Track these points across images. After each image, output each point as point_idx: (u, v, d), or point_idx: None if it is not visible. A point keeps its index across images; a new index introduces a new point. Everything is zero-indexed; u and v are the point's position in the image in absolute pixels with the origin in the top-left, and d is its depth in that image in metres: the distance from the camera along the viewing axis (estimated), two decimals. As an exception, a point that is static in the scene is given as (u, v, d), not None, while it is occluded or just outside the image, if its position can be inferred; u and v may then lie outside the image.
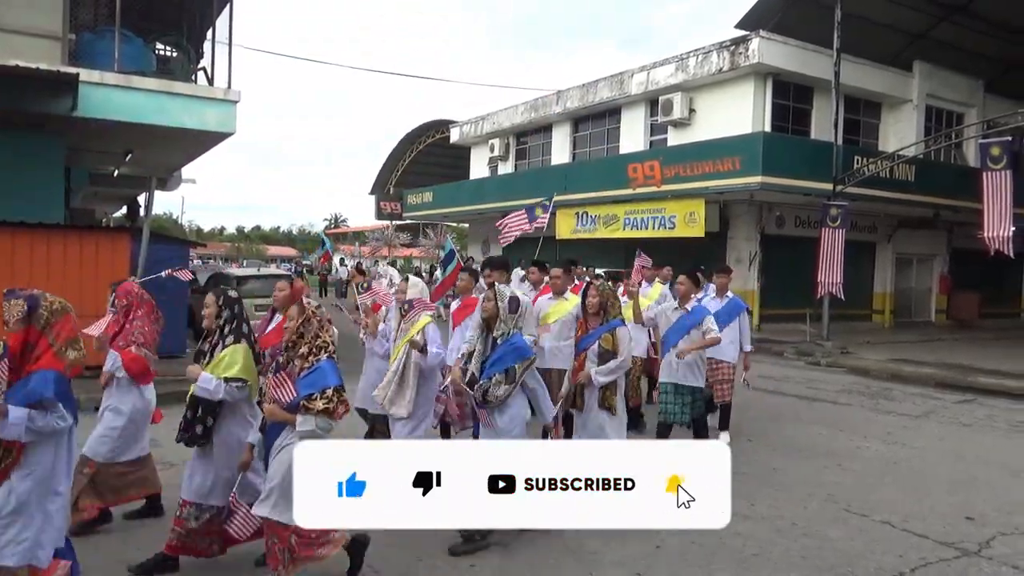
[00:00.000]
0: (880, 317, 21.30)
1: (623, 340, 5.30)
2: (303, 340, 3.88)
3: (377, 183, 37.16)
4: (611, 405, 5.30)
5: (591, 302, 5.45)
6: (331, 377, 3.80)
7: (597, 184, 20.04)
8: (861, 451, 7.44)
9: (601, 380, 5.24)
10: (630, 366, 5.61)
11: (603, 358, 5.28)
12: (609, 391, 5.32)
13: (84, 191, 18.23)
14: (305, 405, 3.71)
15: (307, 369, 3.80)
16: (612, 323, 5.34)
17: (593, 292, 5.48)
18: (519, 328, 4.75)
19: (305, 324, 3.91)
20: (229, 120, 11.25)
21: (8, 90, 9.58)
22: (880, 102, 21.02)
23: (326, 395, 3.73)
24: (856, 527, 5.24)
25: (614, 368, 5.25)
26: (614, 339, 5.28)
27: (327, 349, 3.90)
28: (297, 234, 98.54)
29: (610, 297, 5.47)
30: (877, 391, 11.15)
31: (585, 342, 5.45)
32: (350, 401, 4.17)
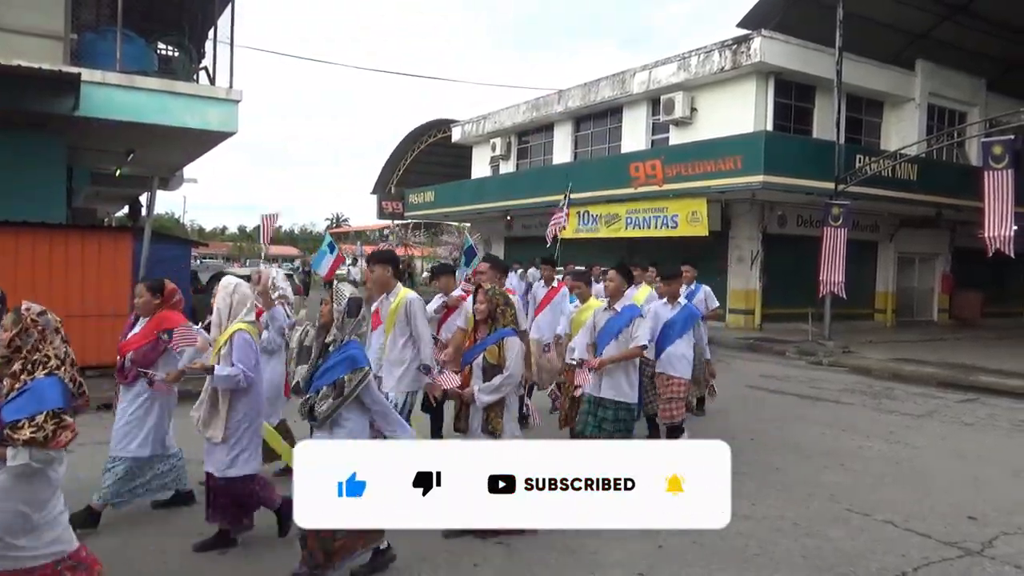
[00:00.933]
0: (882, 316, 21.28)
1: (512, 352, 4.66)
2: (19, 355, 3.20)
3: (379, 183, 37.17)
4: (495, 429, 4.62)
5: (478, 308, 4.82)
6: (47, 399, 3.09)
7: (599, 183, 20.04)
8: (863, 451, 7.43)
9: (484, 399, 4.60)
10: (520, 381, 4.87)
11: (487, 373, 4.65)
12: (494, 412, 4.65)
13: (86, 191, 18.25)
14: (10, 435, 3.02)
15: (17, 390, 3.14)
16: (500, 333, 4.71)
17: (481, 297, 4.85)
18: (359, 335, 4.14)
19: (22, 336, 3.22)
20: (231, 120, 11.26)
21: (10, 90, 9.60)
22: (882, 101, 21.01)
23: (35, 421, 3.03)
24: (858, 527, 5.24)
25: (499, 385, 4.61)
26: (501, 351, 4.65)
27: (47, 365, 3.21)
28: (299, 234, 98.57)
29: (500, 303, 4.83)
30: (879, 390, 11.14)
31: (469, 355, 4.83)
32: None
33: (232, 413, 4.44)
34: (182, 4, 12.71)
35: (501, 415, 4.66)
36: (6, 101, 9.74)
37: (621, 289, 5.86)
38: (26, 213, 10.03)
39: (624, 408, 5.66)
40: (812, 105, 19.62)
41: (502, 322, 4.77)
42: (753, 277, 18.71)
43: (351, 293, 4.08)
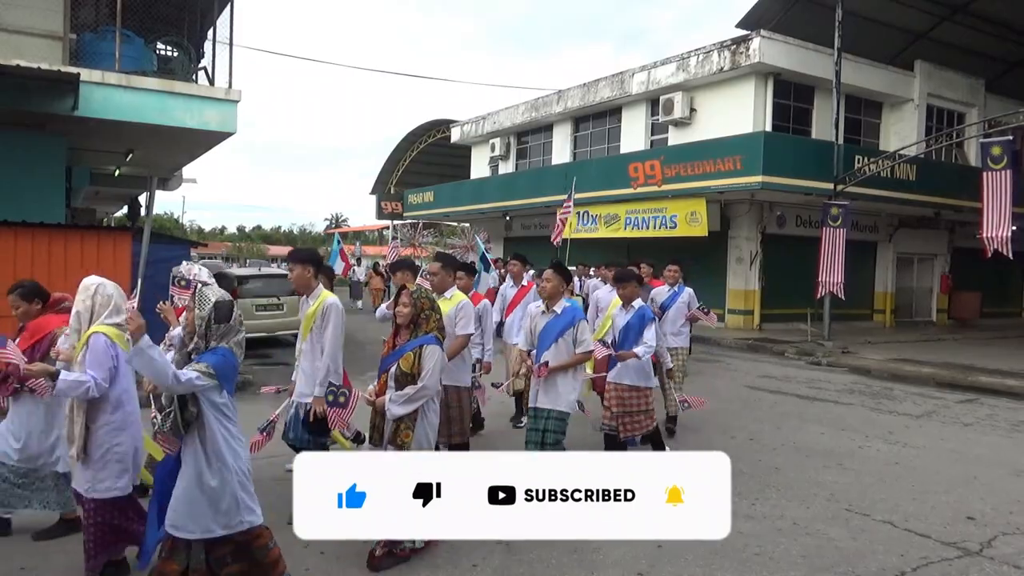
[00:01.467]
0: (881, 317, 21.30)
1: (430, 361, 4.27)
2: None
3: (378, 183, 37.15)
4: (403, 443, 4.24)
5: (400, 311, 4.39)
6: None
7: (598, 184, 20.03)
8: (862, 451, 7.44)
9: (395, 411, 4.23)
10: (436, 393, 4.47)
11: (399, 382, 4.29)
12: (404, 424, 4.27)
13: (85, 191, 18.25)
14: None
15: None
16: (420, 339, 4.33)
17: (405, 299, 4.40)
18: (234, 343, 3.59)
19: None
20: (230, 120, 11.26)
21: (9, 90, 9.60)
22: (881, 102, 21.02)
23: None
24: (857, 527, 5.24)
25: (412, 396, 4.23)
26: (418, 359, 4.27)
27: None
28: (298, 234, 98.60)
29: (426, 307, 4.41)
30: (878, 391, 11.15)
31: (386, 362, 4.43)
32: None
33: (93, 427, 4.00)
34: (181, 4, 12.69)
35: (412, 428, 4.29)
36: (6, 101, 9.75)
37: (560, 290, 5.49)
38: (25, 213, 10.03)
39: (556, 418, 5.31)
40: (811, 105, 19.63)
41: (425, 328, 4.37)
42: (752, 277, 18.72)
43: (218, 297, 3.63)
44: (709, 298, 15.74)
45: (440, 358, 4.34)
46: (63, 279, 9.19)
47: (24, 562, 4.39)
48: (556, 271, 5.50)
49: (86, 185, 17.30)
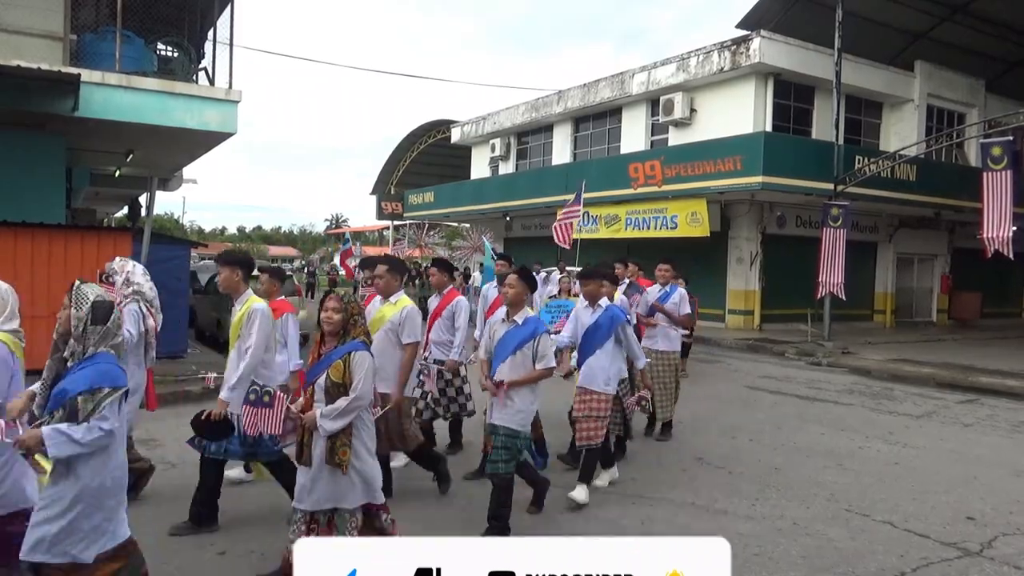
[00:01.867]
0: (881, 317, 21.29)
1: (361, 369, 3.89)
2: None
3: (378, 183, 37.16)
4: (341, 461, 3.85)
5: (329, 317, 3.98)
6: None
7: (598, 184, 20.00)
8: (862, 451, 7.44)
9: (327, 426, 3.83)
10: (370, 403, 4.07)
11: (330, 394, 3.89)
12: (340, 441, 3.86)
13: (85, 191, 18.26)
14: None
15: None
16: (348, 346, 3.96)
17: (334, 304, 4.01)
18: (113, 347, 3.26)
19: None
20: (230, 120, 11.26)
21: (10, 90, 9.60)
22: (881, 102, 21.02)
23: None
24: (857, 527, 5.24)
25: (345, 408, 3.83)
26: (347, 368, 3.90)
27: None
28: (298, 234, 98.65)
29: (355, 312, 4.05)
30: (878, 391, 11.15)
31: (313, 373, 4.03)
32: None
33: None
34: (182, 4, 12.70)
35: (349, 444, 3.90)
36: (6, 101, 9.75)
37: (522, 297, 5.02)
38: (25, 213, 10.04)
39: (505, 434, 4.87)
40: (811, 106, 19.63)
41: (353, 334, 4.00)
42: (752, 278, 18.72)
43: (96, 296, 3.27)
44: (709, 298, 15.85)
45: (371, 365, 3.97)
46: (63, 280, 9.20)
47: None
48: (520, 277, 5.04)
49: (86, 185, 17.31)
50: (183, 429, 7.54)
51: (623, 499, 5.72)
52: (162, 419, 7.89)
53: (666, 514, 5.40)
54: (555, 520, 5.23)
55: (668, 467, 6.66)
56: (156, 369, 10.51)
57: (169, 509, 5.04)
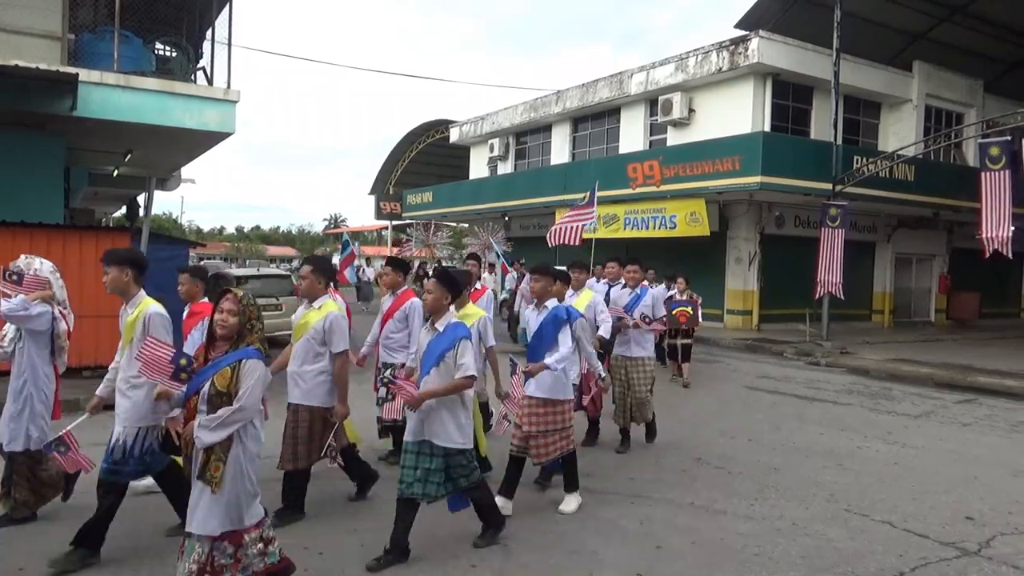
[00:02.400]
0: (880, 317, 21.31)
1: (250, 378, 3.55)
2: None
3: (377, 183, 37.17)
4: (213, 479, 3.49)
5: (223, 320, 3.68)
6: None
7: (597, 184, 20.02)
8: (861, 451, 7.44)
9: (204, 438, 3.48)
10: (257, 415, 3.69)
11: (213, 403, 3.55)
12: (215, 455, 3.50)
13: (84, 191, 18.23)
14: None
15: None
16: (240, 352, 3.62)
17: (230, 304, 3.69)
18: None
19: None
20: (228, 120, 11.25)
21: (8, 90, 9.58)
22: (880, 102, 21.04)
23: None
24: (856, 527, 5.24)
25: (225, 419, 3.48)
26: (236, 376, 3.56)
27: None
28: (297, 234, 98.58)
29: (253, 316, 3.72)
30: (877, 391, 11.15)
31: (198, 379, 3.70)
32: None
33: None
34: (180, 4, 12.69)
35: (224, 459, 3.52)
36: (4, 101, 9.73)
37: (441, 303, 4.62)
38: (24, 213, 10.02)
39: (457, 453, 4.53)
40: (810, 106, 19.64)
41: (248, 340, 3.68)
42: (751, 278, 18.73)
43: None
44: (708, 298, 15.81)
45: (264, 375, 3.63)
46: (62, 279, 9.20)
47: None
48: (440, 281, 4.63)
49: (85, 185, 17.28)
50: (182, 429, 7.55)
51: (622, 499, 5.72)
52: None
53: (665, 514, 5.40)
54: (554, 521, 5.23)
55: (667, 467, 6.66)
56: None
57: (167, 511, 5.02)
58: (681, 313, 10.91)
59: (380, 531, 4.61)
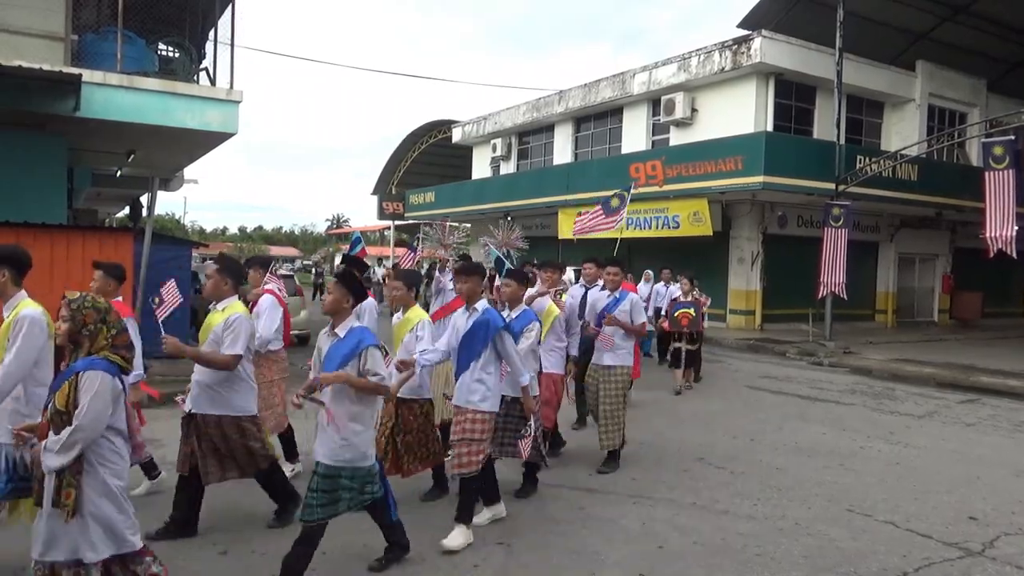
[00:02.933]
0: (883, 317, 21.28)
1: (88, 393, 3.14)
2: None
3: (379, 183, 37.15)
4: (66, 505, 3.15)
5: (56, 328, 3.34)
6: None
7: (599, 184, 20.01)
8: (864, 451, 7.43)
9: (49, 462, 3.12)
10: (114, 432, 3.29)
11: (54, 423, 3.18)
12: (67, 480, 3.15)
13: (87, 191, 18.26)
14: None
15: None
16: (79, 364, 3.21)
17: (63, 310, 3.30)
18: None
19: None
20: (231, 120, 11.27)
21: (11, 90, 9.60)
22: (883, 102, 21.00)
23: None
24: (859, 527, 5.23)
25: (66, 441, 3.10)
26: (73, 392, 3.16)
27: None
28: (299, 234, 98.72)
29: (92, 320, 3.28)
30: (880, 391, 11.13)
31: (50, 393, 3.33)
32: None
33: None
34: (183, 5, 12.71)
35: (76, 484, 3.16)
36: (7, 102, 9.75)
37: (342, 305, 4.22)
38: (27, 214, 10.04)
39: (347, 475, 4.10)
40: (813, 106, 19.61)
41: (91, 347, 3.26)
42: (754, 278, 18.70)
43: None
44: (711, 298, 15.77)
45: (107, 388, 3.17)
46: (65, 280, 9.22)
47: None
48: (341, 281, 4.27)
49: (88, 186, 17.32)
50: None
51: (623, 499, 5.71)
52: (164, 419, 7.90)
53: (667, 514, 5.39)
54: (555, 520, 5.22)
55: (669, 467, 6.66)
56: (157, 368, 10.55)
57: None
58: (683, 315, 10.66)
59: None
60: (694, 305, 10.80)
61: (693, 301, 10.93)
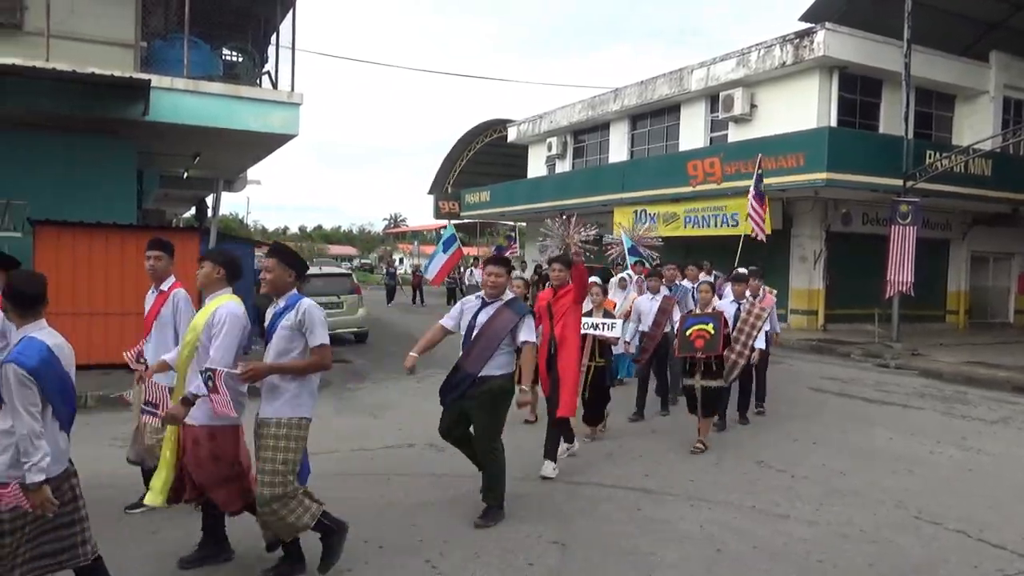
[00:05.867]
0: (954, 318, 20.50)
1: None
2: None
3: (435, 183, 37.51)
4: None
5: None
6: None
7: (656, 182, 19.82)
8: (933, 456, 7.15)
9: None
10: None
11: None
12: None
13: (155, 193, 18.93)
14: None
15: None
16: None
17: None
18: None
19: None
20: (292, 122, 11.53)
21: (85, 97, 10.02)
22: (954, 94, 20.21)
23: None
24: (928, 535, 5.04)
25: None
26: None
27: None
28: (358, 233, 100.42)
29: None
30: (950, 395, 10.71)
31: None
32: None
33: None
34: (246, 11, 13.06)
35: None
36: (81, 107, 10.18)
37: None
38: (99, 214, 10.46)
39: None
40: (879, 99, 18.99)
41: None
42: (816, 277, 18.24)
43: None
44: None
45: None
46: (134, 279, 9.58)
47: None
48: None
49: (156, 187, 17.95)
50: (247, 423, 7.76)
51: (680, 501, 5.62)
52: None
53: (725, 517, 5.28)
54: (610, 520, 5.17)
55: (727, 470, 6.53)
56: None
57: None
58: (699, 335, 7.07)
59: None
60: (713, 320, 7.14)
61: (713, 314, 7.26)
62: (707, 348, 6.99)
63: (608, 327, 6.97)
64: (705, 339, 6.99)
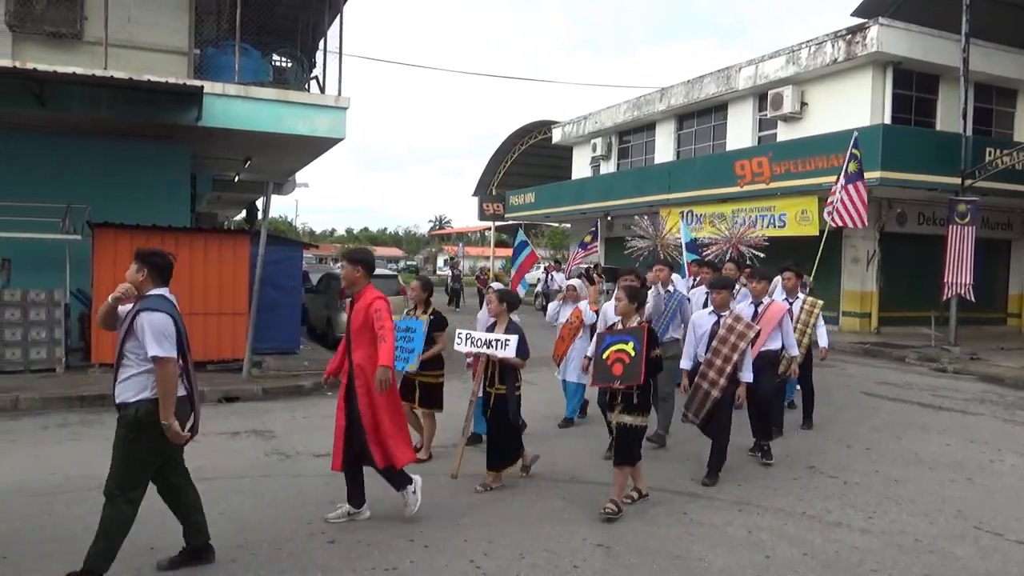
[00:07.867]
0: (1016, 321, 19.78)
1: None
2: None
3: (480, 184, 37.67)
4: None
5: None
6: None
7: (703, 183, 19.57)
8: (994, 465, 6.90)
9: None
10: None
11: None
12: None
13: (208, 196, 19.43)
14: None
15: None
16: None
17: None
18: None
19: None
20: (339, 126, 11.71)
21: (141, 103, 10.33)
22: (1015, 89, 19.49)
23: None
24: (988, 546, 4.85)
25: None
26: None
27: None
28: (403, 235, 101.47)
29: None
30: (1012, 401, 10.32)
31: None
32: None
33: None
34: (294, 17, 13.31)
35: None
36: (138, 114, 10.50)
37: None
38: (155, 217, 10.78)
39: None
40: (935, 96, 18.42)
41: None
42: (869, 278, 17.78)
43: None
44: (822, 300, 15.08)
45: None
46: (189, 279, 9.84)
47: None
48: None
49: (209, 191, 18.42)
50: (297, 422, 7.91)
51: (728, 506, 5.52)
52: (276, 412, 8.27)
53: (775, 523, 5.17)
54: (657, 524, 5.11)
55: (777, 475, 6.39)
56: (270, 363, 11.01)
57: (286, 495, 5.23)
58: (616, 357, 5.31)
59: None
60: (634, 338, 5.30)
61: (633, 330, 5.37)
62: (626, 377, 5.21)
63: (502, 345, 5.71)
64: (624, 363, 5.25)
